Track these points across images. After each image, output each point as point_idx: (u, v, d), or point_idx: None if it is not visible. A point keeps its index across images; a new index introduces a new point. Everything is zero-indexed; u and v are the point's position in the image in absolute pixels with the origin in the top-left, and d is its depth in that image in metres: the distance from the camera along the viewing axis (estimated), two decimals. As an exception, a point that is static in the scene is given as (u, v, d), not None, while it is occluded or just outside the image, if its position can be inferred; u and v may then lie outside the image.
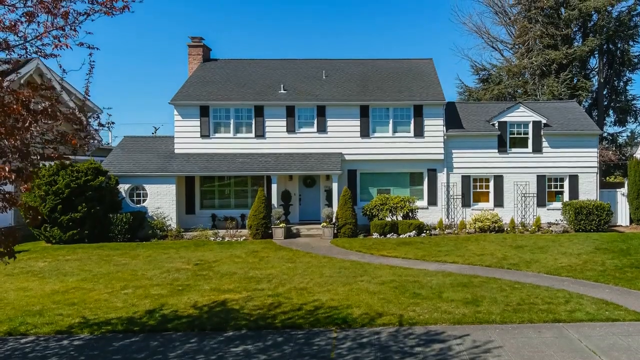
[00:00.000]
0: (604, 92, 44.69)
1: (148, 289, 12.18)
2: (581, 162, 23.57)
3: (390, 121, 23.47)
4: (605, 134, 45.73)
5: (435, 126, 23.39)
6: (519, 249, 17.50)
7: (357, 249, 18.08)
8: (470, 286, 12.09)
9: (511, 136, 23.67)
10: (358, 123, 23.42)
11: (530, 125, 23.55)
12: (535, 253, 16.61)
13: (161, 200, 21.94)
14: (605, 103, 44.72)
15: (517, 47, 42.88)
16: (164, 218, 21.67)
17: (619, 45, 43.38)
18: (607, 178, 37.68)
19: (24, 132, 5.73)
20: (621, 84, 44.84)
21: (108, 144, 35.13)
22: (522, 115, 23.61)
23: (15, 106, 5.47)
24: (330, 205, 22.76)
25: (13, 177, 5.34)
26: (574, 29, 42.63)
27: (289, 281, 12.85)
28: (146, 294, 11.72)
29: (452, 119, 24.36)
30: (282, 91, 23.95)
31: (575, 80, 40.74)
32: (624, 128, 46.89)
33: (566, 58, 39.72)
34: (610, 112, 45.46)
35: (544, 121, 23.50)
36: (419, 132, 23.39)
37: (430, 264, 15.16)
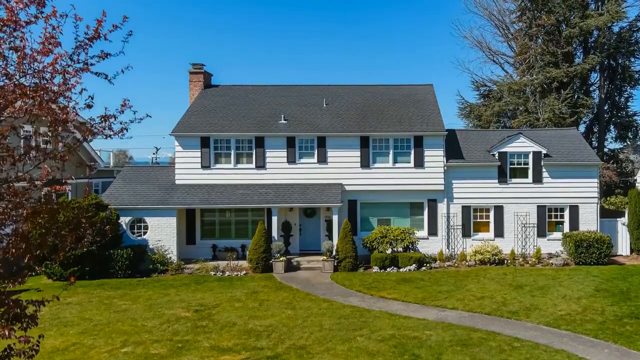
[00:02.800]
0: (605, 108, 44.69)
1: (147, 347, 12.21)
2: (581, 192, 23.56)
3: (391, 152, 23.50)
4: (606, 150, 45.77)
5: (435, 157, 23.41)
6: (518, 289, 17.51)
7: (357, 288, 18.11)
8: (469, 345, 12.11)
9: (511, 166, 23.68)
10: (358, 153, 23.45)
11: (531, 156, 23.56)
12: (535, 296, 16.61)
13: (162, 233, 21.99)
14: (607, 117, 44.72)
15: (517, 63, 42.88)
16: (165, 251, 21.71)
17: (620, 61, 43.39)
18: (609, 198, 37.55)
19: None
20: (622, 99, 44.85)
21: (107, 165, 35.20)
22: (522, 145, 23.62)
23: (12, 250, 5.52)
24: (330, 236, 22.79)
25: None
26: (575, 45, 42.64)
27: (288, 336, 12.87)
28: (146, 354, 11.76)
29: (452, 147, 24.38)
30: (283, 121, 23.99)
31: (576, 97, 40.74)
32: (625, 144, 46.93)
33: (567, 76, 39.73)
34: (611, 127, 45.48)
35: (544, 151, 23.50)
36: (419, 163, 23.42)
37: (430, 310, 15.18)
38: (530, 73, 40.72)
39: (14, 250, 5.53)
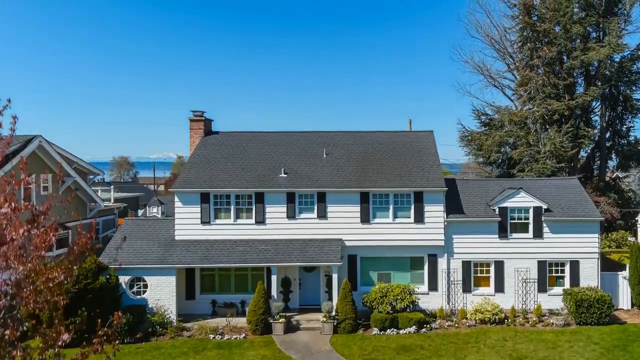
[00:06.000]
0: (607, 135, 44.58)
1: None
2: (582, 247, 23.47)
3: (391, 207, 23.45)
4: (607, 178, 45.61)
5: (435, 212, 23.34)
6: (518, 364, 17.44)
7: (356, 359, 18.04)
8: None
9: (512, 221, 23.61)
10: (358, 209, 23.40)
11: (531, 211, 23.49)
12: (535, 374, 16.54)
13: (161, 292, 21.96)
14: (608, 145, 44.61)
15: (519, 93, 42.77)
16: (164, 311, 21.67)
17: (621, 90, 43.30)
18: (610, 234, 37.46)
19: None
20: (624, 128, 44.74)
21: (108, 203, 35.22)
22: (522, 200, 23.55)
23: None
24: (330, 294, 22.72)
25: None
26: (576, 74, 42.53)
27: None
28: None
29: (452, 198, 24.30)
30: (283, 175, 23.94)
31: (577, 127, 40.59)
32: (626, 173, 46.79)
33: (568, 109, 39.67)
34: (613, 155, 45.34)
35: (544, 206, 23.43)
36: (419, 218, 23.36)
37: (429, 395, 15.10)
38: (532, 104, 40.65)
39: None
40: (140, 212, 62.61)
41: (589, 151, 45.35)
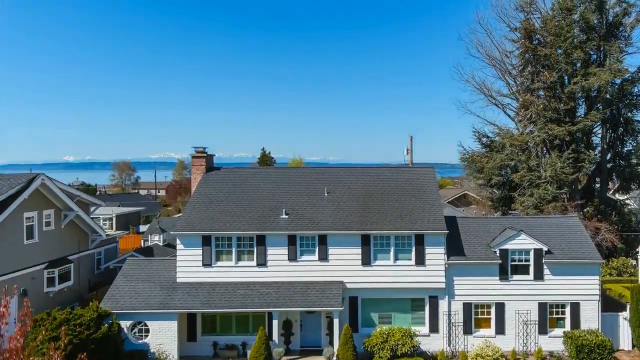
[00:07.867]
0: (607, 157, 44.56)
1: None
2: (583, 289, 23.48)
3: (392, 249, 23.50)
4: (609, 192, 45.51)
5: (436, 254, 23.40)
6: (519, 420, 17.48)
7: (358, 413, 18.12)
8: None
9: (512, 263, 23.66)
10: (359, 251, 23.47)
11: (532, 253, 23.54)
12: None
13: (163, 337, 22.04)
14: (609, 167, 44.57)
15: (520, 117, 42.78)
16: (166, 356, 21.75)
17: (622, 112, 43.27)
18: (611, 261, 37.46)
19: None
20: (624, 150, 44.68)
21: (108, 235, 35.30)
22: (523, 242, 23.58)
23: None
24: (331, 337, 22.82)
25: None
26: (577, 97, 42.50)
27: None
28: None
29: (453, 239, 24.25)
30: (284, 216, 23.99)
31: (578, 151, 40.59)
32: (627, 196, 46.76)
33: (569, 134, 39.70)
34: (614, 177, 45.33)
35: (545, 249, 23.48)
36: (420, 261, 23.42)
37: None
38: (533, 127, 40.61)
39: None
40: (141, 227, 62.95)
41: (589, 173, 45.35)
